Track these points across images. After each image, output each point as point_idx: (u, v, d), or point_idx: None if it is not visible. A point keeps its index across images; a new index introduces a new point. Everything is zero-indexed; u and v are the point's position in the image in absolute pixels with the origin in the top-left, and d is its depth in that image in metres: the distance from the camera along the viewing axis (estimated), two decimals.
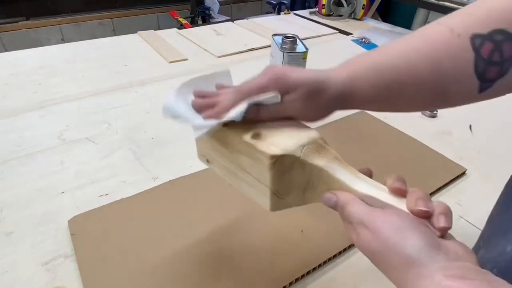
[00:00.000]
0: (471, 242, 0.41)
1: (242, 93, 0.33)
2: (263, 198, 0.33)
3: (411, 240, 0.23)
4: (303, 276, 0.43)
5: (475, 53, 0.30)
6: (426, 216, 0.25)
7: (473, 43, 0.30)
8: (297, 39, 0.67)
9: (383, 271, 0.25)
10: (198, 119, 0.34)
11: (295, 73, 0.33)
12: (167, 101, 0.35)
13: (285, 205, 0.33)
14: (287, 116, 0.34)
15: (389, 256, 0.24)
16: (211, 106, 0.34)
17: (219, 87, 0.37)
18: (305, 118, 0.34)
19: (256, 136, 0.32)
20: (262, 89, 0.33)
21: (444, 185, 0.58)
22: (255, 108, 0.33)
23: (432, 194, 0.57)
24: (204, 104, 0.35)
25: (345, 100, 0.33)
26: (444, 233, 0.25)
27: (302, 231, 0.48)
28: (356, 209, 0.28)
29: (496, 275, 0.24)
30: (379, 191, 0.29)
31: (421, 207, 0.25)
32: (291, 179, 0.32)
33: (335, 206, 0.30)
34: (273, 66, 0.34)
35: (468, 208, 0.55)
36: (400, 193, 0.28)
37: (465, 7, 0.33)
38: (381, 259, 0.25)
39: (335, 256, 0.46)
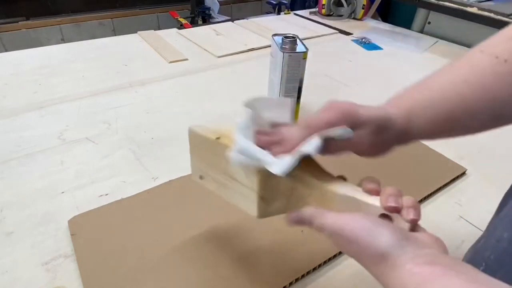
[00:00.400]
0: (471, 242, 0.41)
1: (311, 128, 0.32)
2: (251, 205, 0.34)
3: (380, 238, 0.26)
4: (303, 276, 0.43)
5: None
6: (396, 211, 0.28)
7: None
8: (297, 39, 0.67)
9: (365, 267, 0.28)
10: (271, 158, 0.32)
11: (362, 109, 0.33)
12: (239, 145, 0.32)
13: (271, 212, 0.35)
14: (352, 151, 0.34)
15: (365, 256, 0.27)
16: (277, 143, 0.33)
17: (275, 125, 0.35)
18: (368, 153, 0.35)
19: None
20: (331, 125, 0.32)
21: (444, 185, 0.58)
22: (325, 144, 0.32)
23: (432, 194, 0.57)
24: (270, 141, 0.33)
25: (405, 136, 0.34)
26: (414, 224, 0.28)
27: (302, 231, 0.48)
28: (324, 221, 0.30)
29: (494, 261, 0.28)
30: (355, 192, 0.31)
31: (391, 203, 0.28)
32: (277, 184, 0.34)
33: (300, 222, 0.32)
34: (337, 102, 0.33)
35: (468, 208, 0.55)
36: (374, 193, 0.31)
37: (502, 31, 0.35)
38: (359, 258, 0.28)
39: (335, 256, 0.46)
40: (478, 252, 0.35)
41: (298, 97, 0.70)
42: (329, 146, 0.32)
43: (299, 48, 0.65)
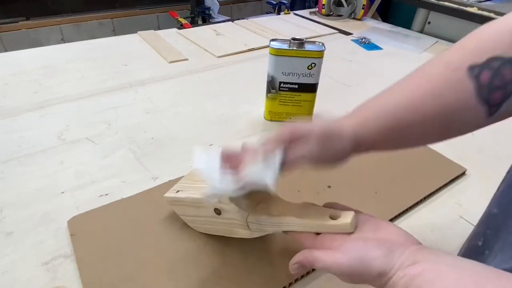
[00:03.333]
0: None
1: (263, 151, 0.35)
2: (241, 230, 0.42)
3: (373, 263, 0.30)
4: (302, 276, 0.43)
5: (475, 81, 0.32)
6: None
7: (471, 73, 0.32)
8: (305, 42, 0.68)
9: (369, 285, 0.31)
10: (219, 183, 0.36)
11: (305, 125, 0.36)
12: (197, 158, 0.38)
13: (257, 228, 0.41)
14: (308, 164, 0.36)
15: (364, 281, 0.31)
16: (236, 165, 0.36)
17: (244, 148, 0.38)
18: (324, 163, 0.37)
19: (217, 210, 0.41)
20: (281, 142, 0.35)
21: (444, 185, 0.58)
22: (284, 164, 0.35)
23: (432, 194, 0.57)
24: (229, 166, 0.37)
25: (359, 145, 0.36)
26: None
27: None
28: (322, 265, 0.32)
29: (491, 235, 0.33)
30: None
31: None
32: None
33: (304, 269, 0.35)
34: (288, 123, 0.37)
35: (468, 208, 0.55)
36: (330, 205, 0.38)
37: (460, 41, 0.35)
38: (362, 281, 0.31)
39: None
40: (477, 228, 0.38)
41: (268, 91, 0.72)
42: (285, 164, 0.35)
43: (273, 45, 0.67)
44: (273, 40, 0.69)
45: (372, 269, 0.30)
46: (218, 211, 0.41)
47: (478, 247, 0.35)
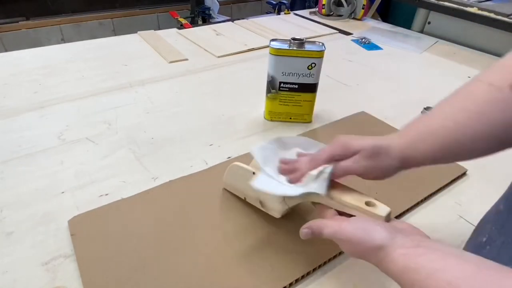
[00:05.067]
0: None
1: (316, 161, 0.41)
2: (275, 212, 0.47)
3: (375, 234, 0.33)
4: (303, 276, 0.43)
5: None
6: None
7: None
8: (305, 42, 0.68)
9: (366, 260, 0.34)
10: (282, 188, 0.42)
11: (356, 141, 0.40)
12: (256, 152, 0.44)
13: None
14: (355, 174, 0.40)
15: (365, 251, 0.34)
16: (292, 171, 0.43)
17: (300, 155, 0.46)
18: (371, 176, 0.40)
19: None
20: (333, 156, 0.40)
21: (444, 185, 0.58)
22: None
23: (432, 194, 0.56)
24: (286, 169, 0.44)
25: (407, 163, 0.39)
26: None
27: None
28: (330, 230, 0.36)
29: (495, 231, 0.34)
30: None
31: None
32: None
33: (313, 235, 0.39)
34: (339, 137, 0.41)
35: (468, 208, 0.55)
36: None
37: (499, 60, 0.38)
38: (362, 254, 0.34)
39: (335, 256, 0.46)
40: (482, 225, 0.39)
41: (268, 91, 0.72)
42: (334, 174, 0.40)
43: (273, 45, 0.67)
44: (273, 40, 0.69)
45: (373, 239, 0.33)
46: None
47: (481, 243, 0.36)
